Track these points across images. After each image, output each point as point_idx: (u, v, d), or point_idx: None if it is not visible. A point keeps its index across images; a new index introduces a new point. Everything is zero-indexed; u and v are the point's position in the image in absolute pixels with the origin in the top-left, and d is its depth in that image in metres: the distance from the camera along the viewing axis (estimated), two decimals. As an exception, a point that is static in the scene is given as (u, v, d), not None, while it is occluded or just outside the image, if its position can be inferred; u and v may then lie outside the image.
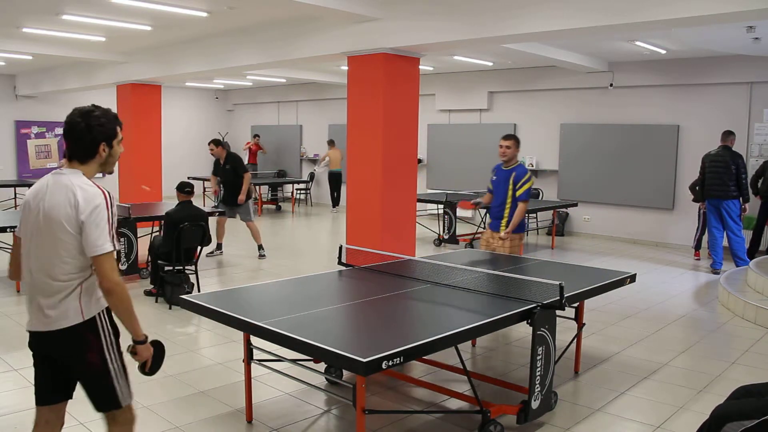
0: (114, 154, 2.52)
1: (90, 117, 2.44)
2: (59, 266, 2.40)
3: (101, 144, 2.46)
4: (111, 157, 2.52)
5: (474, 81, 12.84)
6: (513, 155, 5.73)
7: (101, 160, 2.49)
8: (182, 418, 3.76)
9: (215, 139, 9.13)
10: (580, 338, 4.63)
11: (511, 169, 5.72)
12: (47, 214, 2.39)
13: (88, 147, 2.45)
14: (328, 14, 7.01)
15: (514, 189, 5.65)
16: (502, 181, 5.75)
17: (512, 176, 5.67)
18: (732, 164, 8.15)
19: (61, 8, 7.79)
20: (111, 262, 2.37)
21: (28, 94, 15.22)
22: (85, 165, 2.47)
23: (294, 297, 3.92)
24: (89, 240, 2.35)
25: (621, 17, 5.53)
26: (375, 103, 7.25)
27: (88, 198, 2.37)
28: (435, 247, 10.01)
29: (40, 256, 2.43)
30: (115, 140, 2.52)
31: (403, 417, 3.81)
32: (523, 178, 5.64)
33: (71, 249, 2.39)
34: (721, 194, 8.24)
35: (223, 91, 18.95)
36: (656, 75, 10.56)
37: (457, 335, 3.06)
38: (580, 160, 11.55)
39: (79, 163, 2.47)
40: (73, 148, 2.46)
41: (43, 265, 2.42)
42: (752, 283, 6.78)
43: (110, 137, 2.49)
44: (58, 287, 2.41)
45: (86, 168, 2.48)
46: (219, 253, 8.98)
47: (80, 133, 2.43)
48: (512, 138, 5.77)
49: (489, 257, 5.42)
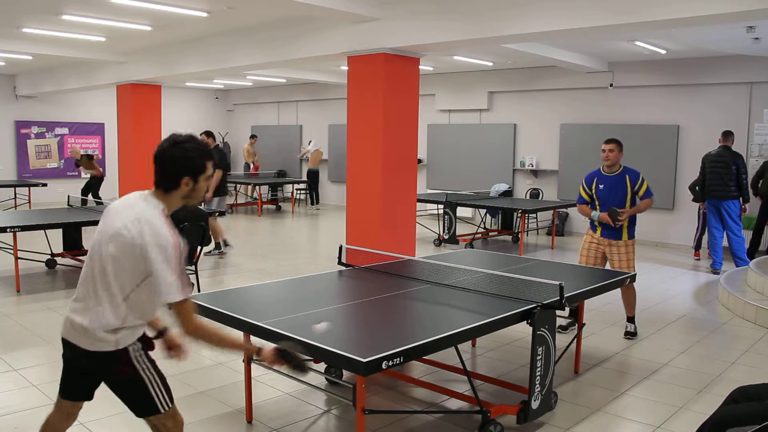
0: (198, 189, 2.40)
1: (179, 148, 2.33)
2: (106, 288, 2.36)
3: (184, 178, 2.34)
4: (194, 192, 2.39)
5: (474, 81, 12.85)
6: (616, 159, 5.41)
7: (183, 193, 2.37)
8: (182, 418, 3.76)
9: (207, 131, 9.16)
10: (580, 338, 4.63)
11: (621, 173, 5.42)
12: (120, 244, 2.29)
13: (172, 175, 2.34)
14: (328, 14, 7.01)
15: (634, 191, 5.36)
16: (614, 187, 5.40)
17: (627, 179, 5.38)
18: (732, 164, 8.15)
19: (61, 8, 7.79)
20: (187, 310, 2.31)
21: (28, 94, 15.23)
22: (167, 194, 2.36)
23: (294, 297, 3.92)
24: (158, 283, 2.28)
25: (621, 17, 5.53)
26: (375, 103, 7.25)
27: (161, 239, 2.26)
28: (435, 247, 10.01)
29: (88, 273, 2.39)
30: (202, 176, 2.38)
31: (403, 417, 3.81)
32: (639, 178, 5.39)
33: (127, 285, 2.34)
34: (721, 194, 8.24)
35: (223, 91, 18.96)
36: (656, 75, 10.56)
37: (457, 335, 3.06)
38: (580, 160, 11.53)
39: (163, 190, 2.36)
40: (157, 175, 2.36)
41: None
42: (752, 283, 6.78)
43: (197, 172, 2.36)
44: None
45: (167, 198, 2.36)
46: (218, 253, 8.94)
47: (165, 162, 2.33)
48: (614, 141, 5.44)
49: (489, 257, 5.42)
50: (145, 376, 2.45)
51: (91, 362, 2.40)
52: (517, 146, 12.54)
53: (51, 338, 5.16)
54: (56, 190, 15.05)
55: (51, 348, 4.91)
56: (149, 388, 2.45)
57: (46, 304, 6.28)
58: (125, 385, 2.45)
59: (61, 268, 7.96)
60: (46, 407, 3.77)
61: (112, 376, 2.44)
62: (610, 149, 5.42)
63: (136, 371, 2.42)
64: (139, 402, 2.48)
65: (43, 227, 6.93)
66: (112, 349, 2.38)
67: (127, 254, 2.28)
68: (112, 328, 2.35)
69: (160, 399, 2.48)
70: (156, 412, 2.49)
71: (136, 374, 2.42)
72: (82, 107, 16.35)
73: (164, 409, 2.49)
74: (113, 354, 2.38)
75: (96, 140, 16.71)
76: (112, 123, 13.49)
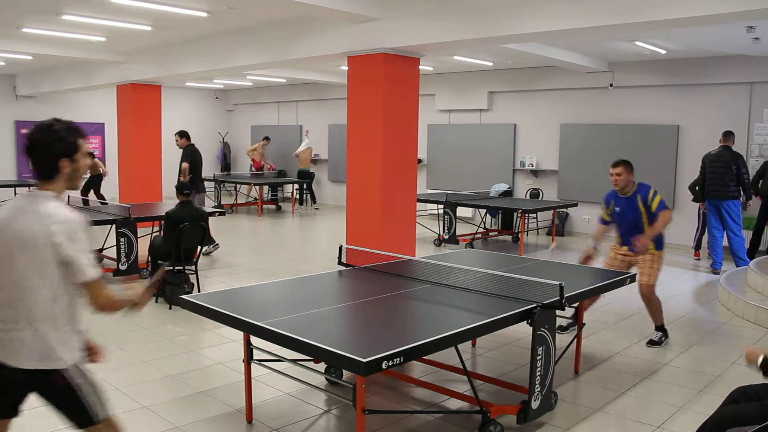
0: (79, 168, 2.38)
1: (49, 133, 2.31)
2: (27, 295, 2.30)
3: (63, 160, 2.32)
4: (77, 171, 2.38)
5: (474, 81, 12.85)
6: (625, 182, 5.15)
7: (67, 175, 2.35)
8: (183, 418, 3.76)
9: (180, 131, 9.25)
10: (580, 338, 4.63)
11: (633, 195, 5.17)
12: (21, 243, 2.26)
13: (50, 162, 2.31)
14: (328, 14, 7.01)
15: (648, 208, 5.11)
16: (628, 209, 5.21)
17: (638, 199, 5.14)
18: (732, 164, 8.15)
19: (61, 8, 7.79)
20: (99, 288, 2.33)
21: (28, 94, 15.22)
22: (53, 182, 2.34)
23: (294, 297, 3.92)
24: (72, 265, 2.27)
25: (621, 17, 5.53)
26: (375, 103, 7.25)
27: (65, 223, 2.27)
28: (435, 247, 10.01)
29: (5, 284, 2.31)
30: (78, 154, 2.36)
31: (403, 417, 3.81)
32: (649, 194, 5.11)
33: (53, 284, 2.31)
34: (721, 194, 8.24)
35: (223, 91, 18.95)
36: (656, 75, 10.56)
37: (457, 335, 3.06)
38: (580, 160, 11.54)
39: (46, 182, 2.34)
40: (36, 166, 2.34)
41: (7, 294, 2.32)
42: (752, 283, 6.78)
43: (72, 151, 2.34)
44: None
45: (55, 185, 2.35)
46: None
47: (40, 148, 2.31)
48: (621, 164, 5.16)
49: (489, 257, 5.42)
50: (76, 384, 2.38)
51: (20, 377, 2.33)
52: (517, 146, 12.54)
53: (51, 338, 5.16)
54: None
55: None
56: (82, 398, 2.39)
57: (46, 304, 6.27)
58: (58, 396, 2.39)
59: (61, 268, 7.95)
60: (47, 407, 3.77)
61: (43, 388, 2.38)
62: (618, 173, 5.15)
63: (67, 380, 2.36)
64: (73, 412, 2.42)
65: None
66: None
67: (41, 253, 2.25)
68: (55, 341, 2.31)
69: (94, 408, 2.42)
70: (92, 423, 2.42)
71: (68, 384, 2.36)
72: (82, 107, 16.34)
73: (100, 418, 2.43)
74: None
75: (96, 140, 16.70)
76: (112, 123, 13.47)
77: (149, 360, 4.76)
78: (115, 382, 4.27)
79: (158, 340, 5.26)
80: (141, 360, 4.76)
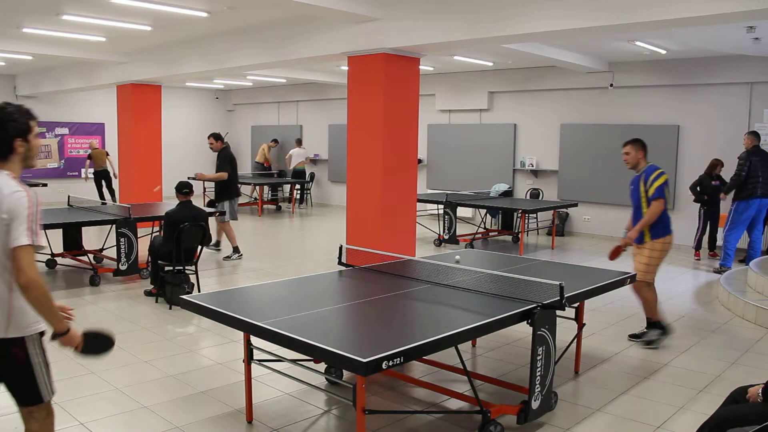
0: (33, 147, 2.54)
1: (2, 114, 2.45)
2: None
3: (17, 140, 2.47)
4: (31, 151, 2.54)
5: (474, 81, 12.85)
6: (636, 159, 5.21)
7: (21, 155, 2.51)
8: (182, 418, 3.76)
9: (214, 133, 9.14)
10: (580, 338, 4.63)
11: (642, 172, 5.23)
12: None
13: (4, 144, 2.46)
14: (328, 14, 7.01)
15: (646, 190, 5.13)
16: (635, 188, 5.26)
17: (642, 179, 5.19)
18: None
19: (61, 8, 7.79)
20: (29, 257, 2.33)
21: (28, 94, 15.22)
22: (8, 162, 2.48)
23: (294, 297, 3.92)
24: (9, 234, 2.34)
25: (621, 17, 5.53)
26: (375, 103, 7.25)
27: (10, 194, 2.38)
28: (435, 247, 10.01)
29: None
30: (31, 135, 2.52)
31: (403, 417, 3.81)
32: (652, 175, 5.10)
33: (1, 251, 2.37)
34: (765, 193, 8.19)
35: (223, 91, 18.95)
36: (656, 75, 10.56)
37: (457, 335, 3.06)
38: (580, 160, 11.54)
39: (2, 162, 2.47)
40: None
41: None
42: (752, 283, 6.78)
43: (25, 132, 2.49)
44: None
45: (10, 165, 2.49)
46: (237, 257, 8.81)
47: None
48: (630, 142, 5.25)
49: (489, 257, 5.42)
50: (36, 362, 2.46)
51: None
52: (517, 146, 12.54)
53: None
54: (56, 190, 15.04)
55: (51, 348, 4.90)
56: (37, 377, 2.46)
57: (46, 304, 6.28)
58: (14, 370, 2.45)
59: (61, 268, 7.96)
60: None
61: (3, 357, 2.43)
62: (626, 152, 5.26)
63: (28, 356, 2.43)
64: (23, 389, 2.47)
65: (43, 227, 6.91)
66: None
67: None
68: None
69: (45, 388, 2.49)
70: (38, 402, 2.50)
71: (27, 360, 2.43)
72: (82, 107, 16.35)
73: (46, 398, 2.51)
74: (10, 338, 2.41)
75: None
76: (112, 123, 13.49)
77: (149, 360, 4.76)
78: (115, 382, 4.27)
79: (158, 340, 5.26)
80: (141, 360, 4.76)
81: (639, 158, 5.26)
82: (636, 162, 5.27)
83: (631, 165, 5.30)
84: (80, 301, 6.47)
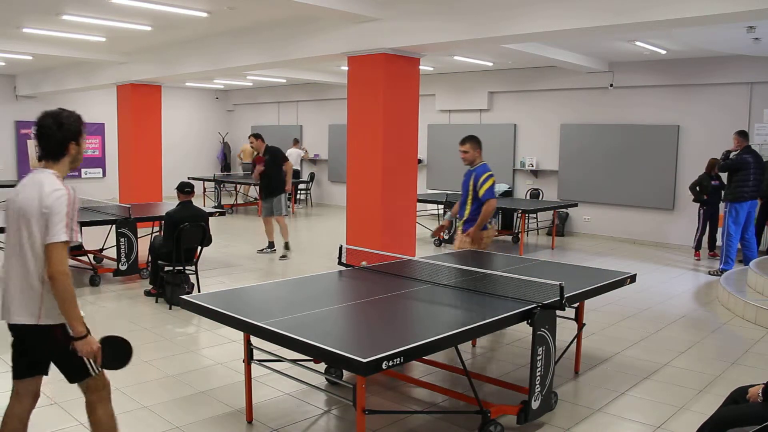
0: (81, 151, 2.73)
1: (60, 117, 2.64)
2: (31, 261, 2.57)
3: (71, 143, 2.66)
4: (79, 154, 2.72)
5: (474, 81, 12.85)
6: (473, 157, 5.55)
7: (71, 157, 2.69)
8: (182, 418, 3.76)
9: (255, 133, 9.18)
10: (580, 338, 4.63)
11: (474, 170, 5.55)
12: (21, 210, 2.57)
13: (59, 145, 2.65)
14: (328, 14, 7.01)
15: (475, 189, 5.49)
16: (466, 182, 5.65)
17: (473, 176, 5.53)
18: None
19: (61, 8, 7.79)
20: (61, 253, 2.51)
21: (28, 94, 15.22)
22: (58, 163, 2.67)
23: (294, 297, 3.92)
24: (48, 229, 2.51)
25: (621, 17, 5.53)
26: (375, 103, 7.25)
27: (52, 192, 2.54)
28: (435, 247, 10.01)
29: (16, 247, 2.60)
30: (81, 138, 2.72)
31: (403, 417, 3.81)
32: (482, 176, 5.42)
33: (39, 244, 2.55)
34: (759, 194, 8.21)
35: (223, 91, 18.95)
36: (656, 75, 10.56)
37: (457, 335, 3.06)
38: (580, 160, 11.54)
39: (52, 161, 2.66)
40: (45, 148, 2.65)
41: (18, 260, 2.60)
42: (752, 283, 6.78)
43: (77, 135, 2.69)
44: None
45: (58, 166, 2.67)
46: (271, 251, 8.99)
47: (52, 132, 2.63)
48: (468, 141, 5.54)
49: (489, 257, 5.42)
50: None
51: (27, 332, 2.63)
52: (517, 146, 12.54)
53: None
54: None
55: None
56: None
57: (46, 304, 6.28)
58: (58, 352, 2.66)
59: (61, 268, 7.95)
60: (46, 407, 3.78)
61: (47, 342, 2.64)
62: (464, 150, 5.53)
63: (68, 337, 2.61)
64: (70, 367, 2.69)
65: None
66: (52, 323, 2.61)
67: (36, 218, 2.54)
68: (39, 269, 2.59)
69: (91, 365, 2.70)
70: (87, 376, 2.71)
71: (68, 340, 2.61)
72: (82, 107, 16.18)
73: (93, 373, 2.72)
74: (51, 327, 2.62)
75: (96, 140, 16.71)
76: (112, 123, 13.48)
77: (149, 360, 4.76)
78: (115, 382, 4.26)
79: (158, 340, 5.26)
80: (141, 360, 4.76)
81: (476, 156, 5.53)
82: (473, 159, 5.53)
83: (468, 162, 5.56)
84: (80, 301, 6.41)
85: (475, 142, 5.54)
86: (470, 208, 5.58)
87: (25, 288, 2.58)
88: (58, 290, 2.50)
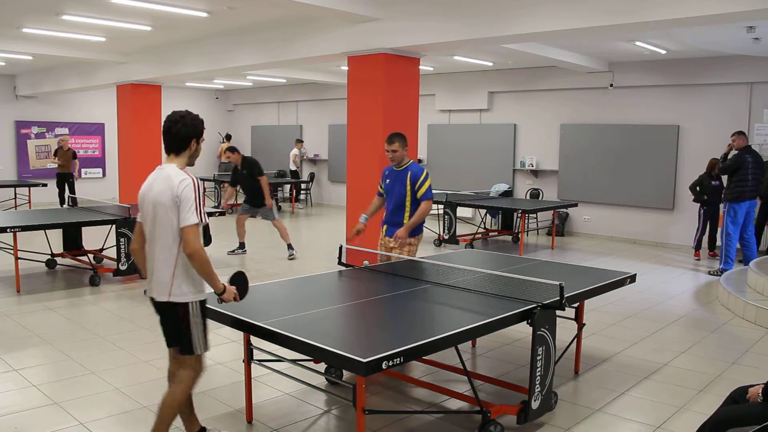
0: (200, 148, 3.16)
1: (186, 117, 3.07)
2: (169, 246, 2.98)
3: (193, 139, 3.08)
4: (196, 152, 3.15)
5: (474, 81, 12.85)
6: (401, 157, 5.14)
7: (191, 152, 3.11)
8: (182, 418, 3.75)
9: (231, 146, 9.14)
10: (580, 338, 4.63)
11: (405, 169, 5.13)
12: (156, 201, 2.98)
13: (183, 141, 3.07)
14: (328, 14, 7.01)
15: (413, 190, 5.07)
16: (397, 183, 5.15)
17: (408, 176, 5.08)
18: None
19: (61, 8, 7.79)
20: (195, 233, 2.90)
21: (28, 94, 15.23)
22: (179, 156, 3.10)
23: (294, 297, 3.92)
24: (181, 214, 2.90)
25: (621, 17, 5.53)
26: (375, 103, 7.25)
27: (180, 182, 2.94)
28: (435, 247, 10.01)
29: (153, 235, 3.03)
30: (201, 138, 3.14)
31: (403, 417, 3.81)
32: (421, 176, 5.06)
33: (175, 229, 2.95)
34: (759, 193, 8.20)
35: (223, 91, 18.95)
36: (656, 75, 10.56)
37: (457, 335, 3.06)
38: (580, 160, 11.55)
39: (175, 155, 3.09)
40: (170, 142, 3.08)
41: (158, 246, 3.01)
42: (752, 283, 6.78)
43: (199, 134, 3.12)
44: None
45: (179, 159, 3.10)
46: (241, 252, 9.04)
47: (178, 129, 3.04)
48: (396, 140, 5.12)
49: (489, 257, 5.41)
50: (193, 321, 3.08)
51: (160, 308, 3.11)
52: (517, 146, 12.54)
53: (51, 338, 5.15)
54: (56, 191, 15.04)
55: (51, 348, 4.91)
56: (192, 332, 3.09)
57: (46, 304, 6.28)
58: (176, 323, 3.09)
59: (61, 268, 7.96)
60: (46, 407, 3.78)
61: (173, 314, 3.08)
62: (393, 149, 5.12)
63: (187, 315, 3.06)
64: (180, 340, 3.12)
65: (43, 227, 6.93)
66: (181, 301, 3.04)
67: (167, 207, 2.94)
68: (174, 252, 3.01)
69: (199, 344, 3.13)
70: (191, 353, 3.14)
71: (186, 318, 3.06)
72: (82, 107, 16.35)
73: (197, 351, 3.14)
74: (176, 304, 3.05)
75: (96, 140, 16.71)
76: (112, 123, 13.49)
77: (149, 360, 4.76)
78: (115, 382, 4.27)
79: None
80: (141, 360, 4.76)
81: (404, 155, 5.19)
82: (401, 158, 5.15)
83: (397, 161, 5.16)
84: (80, 301, 6.47)
85: (403, 140, 5.14)
86: (410, 209, 5.10)
87: (160, 269, 3.00)
88: (197, 263, 2.91)
